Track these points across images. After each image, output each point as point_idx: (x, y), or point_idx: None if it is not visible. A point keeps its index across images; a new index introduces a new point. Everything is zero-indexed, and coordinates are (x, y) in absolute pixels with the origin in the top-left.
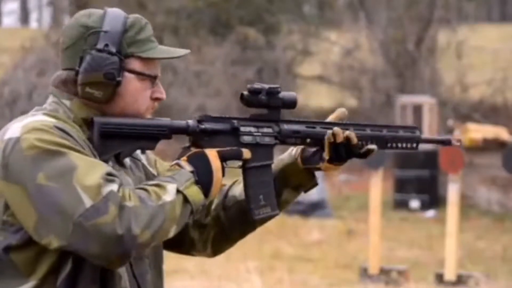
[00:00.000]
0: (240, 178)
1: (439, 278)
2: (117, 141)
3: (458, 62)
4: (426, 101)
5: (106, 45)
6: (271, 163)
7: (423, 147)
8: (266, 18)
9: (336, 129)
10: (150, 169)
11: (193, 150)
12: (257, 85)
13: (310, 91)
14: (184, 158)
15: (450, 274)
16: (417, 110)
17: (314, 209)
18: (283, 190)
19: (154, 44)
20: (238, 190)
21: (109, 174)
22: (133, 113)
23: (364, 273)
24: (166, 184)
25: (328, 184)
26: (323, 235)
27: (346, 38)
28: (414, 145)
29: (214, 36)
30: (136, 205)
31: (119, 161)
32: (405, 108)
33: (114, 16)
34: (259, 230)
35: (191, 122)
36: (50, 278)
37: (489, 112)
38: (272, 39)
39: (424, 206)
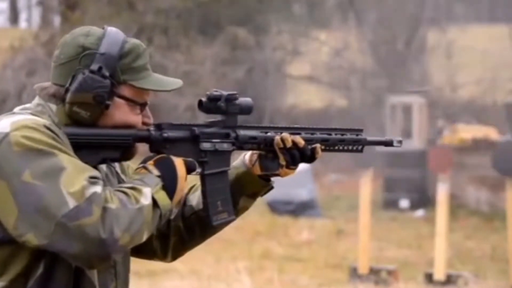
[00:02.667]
0: (196, 185)
1: (429, 277)
2: (84, 151)
3: (447, 62)
4: (415, 101)
5: (100, 68)
6: (228, 169)
7: (413, 147)
8: (255, 18)
9: (284, 134)
10: (122, 176)
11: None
12: (216, 92)
13: (299, 91)
14: (151, 162)
15: (439, 274)
16: (407, 110)
17: (304, 209)
18: (239, 198)
19: (148, 73)
20: (194, 199)
21: (93, 177)
22: None
23: (353, 273)
24: (141, 187)
25: (318, 184)
26: (313, 235)
27: (336, 38)
28: (360, 147)
29: (203, 36)
30: (118, 207)
31: (96, 168)
32: (395, 108)
33: (113, 39)
34: (249, 230)
35: (153, 130)
36: (20, 280)
37: (478, 112)
38: (261, 39)
39: (414, 206)
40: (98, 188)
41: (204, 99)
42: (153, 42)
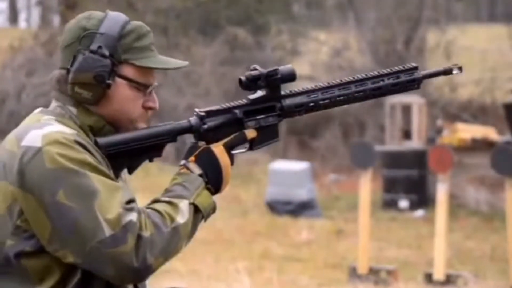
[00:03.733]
0: None
1: (428, 277)
2: (125, 158)
3: (446, 62)
4: (415, 101)
5: (100, 47)
6: (277, 140)
7: (412, 147)
8: (255, 18)
9: None
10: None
11: (199, 145)
12: (255, 72)
13: None
14: (192, 158)
15: (439, 274)
16: (406, 110)
17: (303, 209)
18: None
19: (152, 53)
20: None
21: (128, 201)
22: (124, 119)
23: (353, 273)
24: (179, 201)
25: (317, 184)
26: (312, 235)
27: (335, 38)
28: (416, 85)
29: (203, 36)
30: (152, 233)
31: (116, 174)
32: (394, 108)
33: (114, 20)
34: (249, 230)
35: (193, 120)
36: (58, 287)
37: (477, 112)
38: (261, 39)
39: (413, 206)
40: (133, 216)
41: (243, 78)
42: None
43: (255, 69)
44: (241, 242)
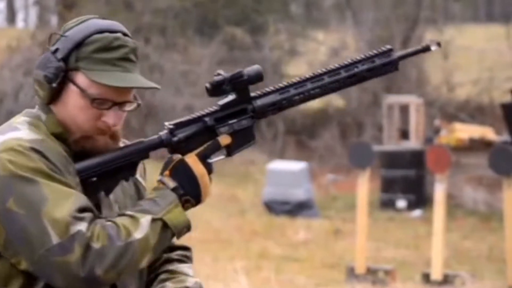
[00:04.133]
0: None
1: (426, 277)
2: (98, 182)
3: (444, 62)
4: (412, 101)
5: (57, 49)
6: (254, 142)
7: (410, 147)
8: (253, 18)
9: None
10: (140, 179)
11: (174, 159)
12: (218, 78)
13: None
14: (167, 172)
15: (436, 274)
16: (404, 110)
17: (301, 209)
18: None
19: (114, 68)
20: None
21: (80, 209)
22: (74, 127)
23: (350, 272)
24: (141, 216)
25: (315, 184)
26: (310, 235)
27: (333, 38)
28: (393, 68)
29: (201, 36)
30: (104, 245)
31: (94, 198)
32: (392, 108)
33: (87, 26)
34: (246, 230)
35: (164, 135)
36: None
37: (475, 112)
38: (259, 39)
39: (411, 206)
40: (83, 226)
41: (208, 85)
42: (151, 42)
43: (219, 74)
44: (239, 241)
